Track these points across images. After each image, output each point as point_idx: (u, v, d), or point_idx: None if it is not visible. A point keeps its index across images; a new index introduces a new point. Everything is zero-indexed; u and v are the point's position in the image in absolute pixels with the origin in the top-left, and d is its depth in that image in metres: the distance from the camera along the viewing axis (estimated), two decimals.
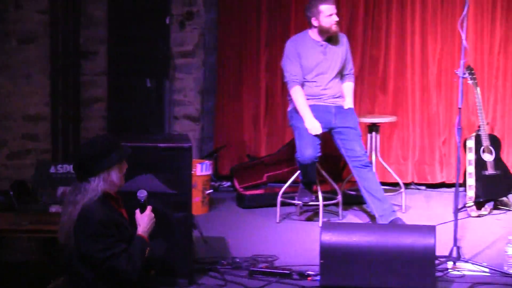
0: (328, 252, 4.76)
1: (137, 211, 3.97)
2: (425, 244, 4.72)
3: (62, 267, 4.01)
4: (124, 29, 7.43)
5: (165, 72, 7.79)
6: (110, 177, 3.83)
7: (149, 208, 4.00)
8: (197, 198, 6.58)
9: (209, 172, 6.89)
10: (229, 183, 7.65)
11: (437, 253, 4.87)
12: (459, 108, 5.23)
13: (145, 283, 3.91)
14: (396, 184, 7.18)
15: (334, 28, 6.18)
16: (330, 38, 6.26)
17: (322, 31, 6.20)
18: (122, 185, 3.93)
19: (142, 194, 4.01)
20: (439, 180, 7.75)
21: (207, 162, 6.84)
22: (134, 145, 4.39)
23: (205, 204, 6.81)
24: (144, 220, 3.95)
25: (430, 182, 7.77)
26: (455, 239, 5.24)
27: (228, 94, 7.89)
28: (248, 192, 7.04)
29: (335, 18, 6.16)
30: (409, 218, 6.43)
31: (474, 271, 5.12)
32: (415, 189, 7.77)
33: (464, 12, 5.22)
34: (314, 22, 6.17)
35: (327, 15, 6.13)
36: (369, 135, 6.86)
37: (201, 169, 6.76)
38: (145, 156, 4.83)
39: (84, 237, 3.72)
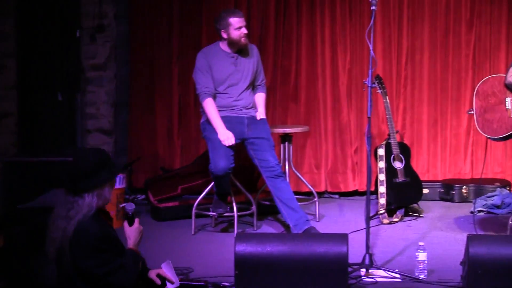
0: (242, 263, 4.76)
1: (126, 224, 3.98)
2: (338, 252, 4.77)
3: (55, 282, 3.96)
4: (34, 42, 7.31)
5: (76, 85, 7.70)
6: (104, 193, 3.82)
7: (137, 220, 4.01)
8: (111, 212, 6.48)
9: (123, 186, 6.83)
10: (143, 196, 7.60)
11: (350, 260, 4.93)
12: (368, 117, 5.30)
13: None
14: (309, 193, 7.26)
15: (243, 40, 6.21)
16: (241, 49, 6.29)
17: (232, 43, 6.22)
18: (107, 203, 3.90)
19: (130, 207, 4.01)
20: (351, 188, 7.86)
21: (121, 175, 6.78)
22: (44, 160, 4.34)
23: (120, 218, 6.74)
24: (133, 233, 3.97)
25: (343, 190, 7.86)
26: (367, 247, 5.31)
27: (141, 107, 7.85)
28: (162, 205, 7.00)
29: (244, 31, 6.19)
30: (322, 227, 6.50)
31: (386, 277, 5.19)
32: (329, 197, 7.86)
33: (371, 23, 5.30)
34: (224, 34, 6.20)
35: (236, 27, 6.16)
36: (282, 145, 6.91)
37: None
38: (56, 171, 4.77)
39: (82, 253, 3.72)
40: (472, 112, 5.85)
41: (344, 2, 7.72)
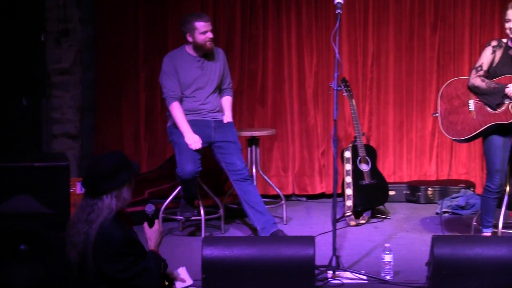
0: (210, 267, 4.77)
1: (146, 226, 4.00)
2: (305, 255, 4.79)
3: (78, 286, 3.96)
4: None
5: (41, 90, 7.63)
6: (122, 194, 3.85)
7: (157, 222, 4.02)
8: None
9: None
10: None
11: (317, 263, 4.95)
12: (335, 120, 5.33)
13: None
14: (277, 196, 7.27)
15: (209, 45, 6.20)
16: (207, 53, 6.29)
17: (197, 47, 6.22)
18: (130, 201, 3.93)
19: (150, 208, 4.03)
20: (319, 190, 7.89)
21: None
22: (9, 166, 4.31)
23: None
24: (153, 234, 4.00)
25: (310, 193, 7.90)
26: (334, 249, 5.33)
27: (107, 111, 7.82)
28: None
29: (210, 35, 6.18)
30: (290, 230, 6.52)
31: (352, 279, 5.23)
32: (296, 200, 7.89)
33: (337, 26, 5.33)
34: (189, 38, 6.20)
35: (201, 32, 6.15)
36: (249, 149, 6.92)
37: (81, 188, 6.66)
38: (21, 176, 4.74)
39: (106, 257, 3.74)
40: (437, 114, 5.90)
41: (310, 6, 7.76)
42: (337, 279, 5.20)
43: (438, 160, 7.89)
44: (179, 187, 6.39)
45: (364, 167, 6.89)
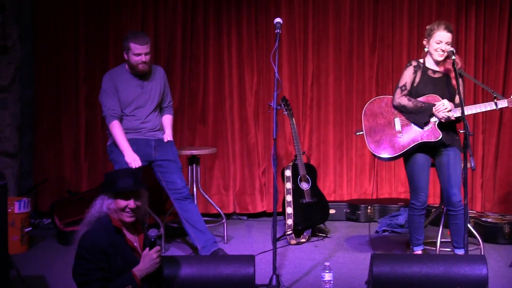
0: None
1: (147, 249, 4.03)
2: (245, 274, 4.80)
3: None
4: None
5: None
6: (109, 204, 4.02)
7: (155, 248, 4.03)
8: (15, 236, 6.40)
9: (28, 210, 6.71)
10: (49, 220, 7.47)
11: (258, 282, 4.97)
12: (274, 139, 5.35)
13: None
14: (217, 215, 7.27)
15: (140, 67, 6.14)
16: (144, 73, 6.24)
17: (131, 67, 6.19)
18: (125, 219, 4.03)
19: (153, 233, 4.05)
20: (260, 209, 7.90)
21: (25, 199, 6.66)
22: None
23: (24, 243, 6.62)
24: (145, 259, 4.01)
25: (251, 211, 7.91)
26: (274, 267, 5.34)
27: (47, 129, 7.74)
28: (69, 228, 6.89)
29: (143, 58, 6.10)
30: (231, 249, 6.52)
31: None
32: (237, 219, 7.89)
33: (276, 45, 5.36)
34: (125, 56, 6.16)
35: (134, 53, 6.10)
36: (189, 167, 6.91)
37: (19, 207, 6.57)
38: None
39: (75, 257, 3.94)
40: (361, 133, 5.96)
41: (251, 25, 7.80)
42: None
43: (378, 178, 7.97)
44: None
45: (305, 186, 6.93)
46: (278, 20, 5.47)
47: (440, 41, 5.71)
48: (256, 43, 7.81)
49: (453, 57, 5.55)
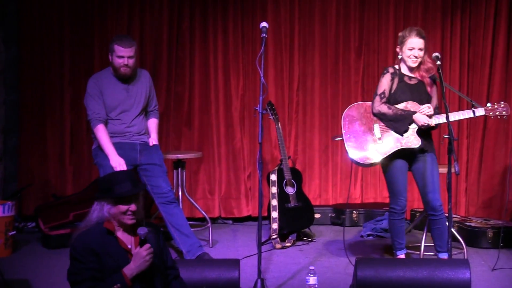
0: None
1: (138, 248, 4.00)
2: (230, 278, 4.82)
3: None
4: None
5: None
6: (109, 209, 3.97)
7: (145, 246, 4.00)
8: None
9: (12, 213, 6.69)
10: (34, 224, 7.45)
11: (243, 286, 4.98)
12: (260, 143, 5.35)
13: None
14: (203, 219, 7.27)
15: (123, 70, 6.11)
16: (133, 75, 6.24)
17: (114, 69, 6.18)
18: (127, 222, 4.01)
19: (142, 231, 4.00)
20: (245, 213, 7.91)
21: (10, 203, 6.64)
22: None
23: (8, 247, 6.60)
24: (135, 258, 3.98)
25: (237, 216, 7.91)
26: (259, 272, 5.34)
27: (31, 133, 7.72)
28: (53, 232, 6.88)
29: (125, 61, 6.07)
30: (216, 253, 6.51)
31: None
32: (222, 223, 7.89)
33: (262, 50, 5.37)
34: (110, 58, 6.15)
35: (118, 55, 6.08)
36: (175, 171, 6.91)
37: (3, 211, 6.55)
38: None
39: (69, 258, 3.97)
40: (340, 138, 5.96)
41: (237, 29, 7.81)
42: None
43: (363, 183, 7.99)
44: None
45: (290, 190, 6.93)
46: (264, 24, 5.48)
47: (412, 48, 5.74)
48: (242, 47, 7.82)
49: (438, 62, 5.58)
